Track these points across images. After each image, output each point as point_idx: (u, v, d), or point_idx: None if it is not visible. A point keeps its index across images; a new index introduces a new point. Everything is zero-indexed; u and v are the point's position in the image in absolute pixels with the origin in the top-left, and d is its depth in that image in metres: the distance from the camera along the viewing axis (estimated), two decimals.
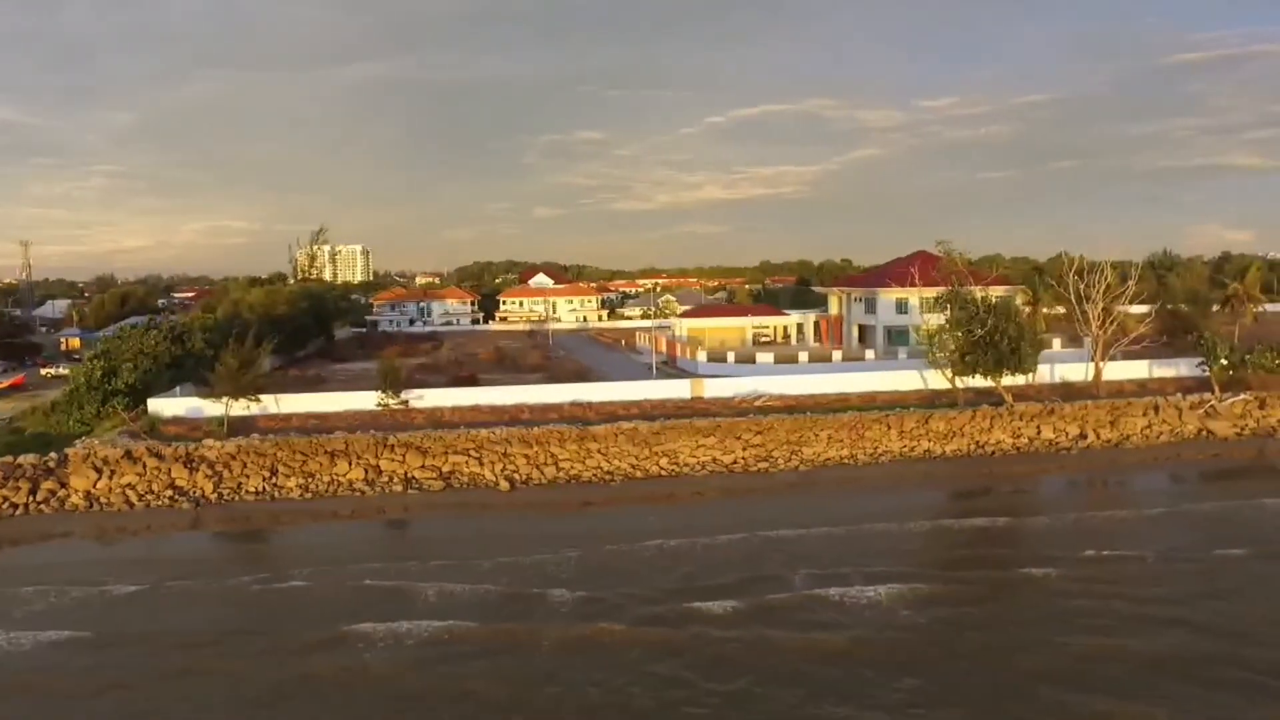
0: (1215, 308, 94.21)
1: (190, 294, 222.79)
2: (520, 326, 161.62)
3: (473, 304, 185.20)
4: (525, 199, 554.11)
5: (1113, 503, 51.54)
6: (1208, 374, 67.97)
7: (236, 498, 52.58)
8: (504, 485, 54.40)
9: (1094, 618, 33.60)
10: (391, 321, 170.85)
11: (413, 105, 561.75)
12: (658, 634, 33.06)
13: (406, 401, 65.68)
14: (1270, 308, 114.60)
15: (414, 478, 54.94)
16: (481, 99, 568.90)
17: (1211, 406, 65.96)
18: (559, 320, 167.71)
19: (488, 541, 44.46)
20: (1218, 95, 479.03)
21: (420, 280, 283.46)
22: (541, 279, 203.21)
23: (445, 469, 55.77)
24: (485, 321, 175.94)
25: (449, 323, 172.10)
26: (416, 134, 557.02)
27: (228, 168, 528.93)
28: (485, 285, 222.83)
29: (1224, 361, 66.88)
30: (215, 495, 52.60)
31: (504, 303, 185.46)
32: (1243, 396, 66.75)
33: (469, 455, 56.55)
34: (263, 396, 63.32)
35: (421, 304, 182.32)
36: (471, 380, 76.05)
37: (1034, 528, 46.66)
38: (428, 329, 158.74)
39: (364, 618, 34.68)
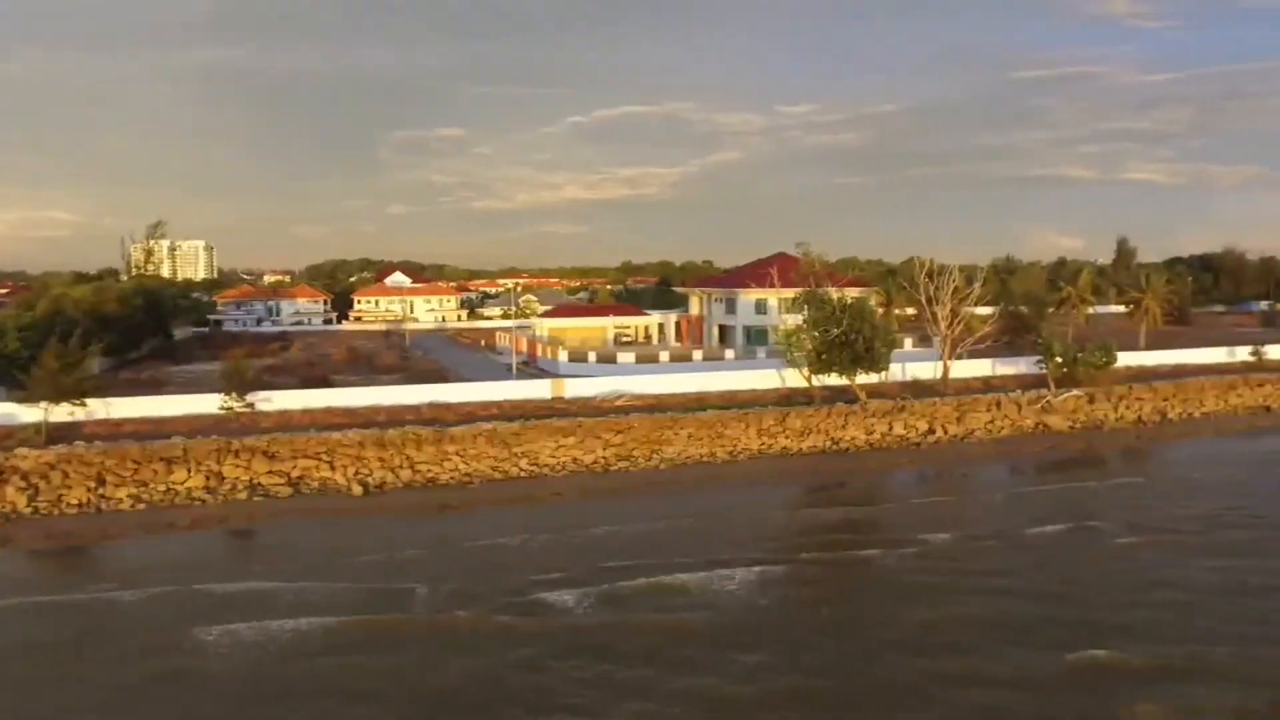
0: (1051, 309, 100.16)
1: (2, 290, 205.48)
2: (376, 327, 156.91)
3: (325, 303, 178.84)
4: (381, 196, 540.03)
5: (957, 491, 54.29)
6: (1045, 371, 72.06)
7: (56, 511, 48.25)
8: (357, 490, 52.14)
9: (936, 591, 36.26)
10: (237, 321, 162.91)
11: (261, 94, 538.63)
12: (520, 622, 33.52)
13: (253, 404, 62.25)
14: (1099, 309, 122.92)
15: (260, 484, 51.92)
16: (335, 90, 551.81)
17: (1047, 402, 69.91)
18: (416, 320, 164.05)
19: (341, 546, 42.79)
20: (1054, 111, 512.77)
21: (269, 278, 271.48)
22: (398, 278, 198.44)
23: (294, 474, 52.98)
24: (339, 321, 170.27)
25: (300, 323, 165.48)
26: (265, 125, 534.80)
27: (50, 154, 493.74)
28: (339, 284, 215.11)
29: (1059, 360, 71.05)
30: (30, 509, 48.08)
31: (359, 302, 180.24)
32: (1074, 392, 71.01)
33: (320, 459, 53.94)
34: (90, 401, 58.56)
35: (270, 303, 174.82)
36: (323, 382, 73.14)
37: (884, 515, 48.75)
38: (277, 329, 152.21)
39: (217, 620, 33.32)
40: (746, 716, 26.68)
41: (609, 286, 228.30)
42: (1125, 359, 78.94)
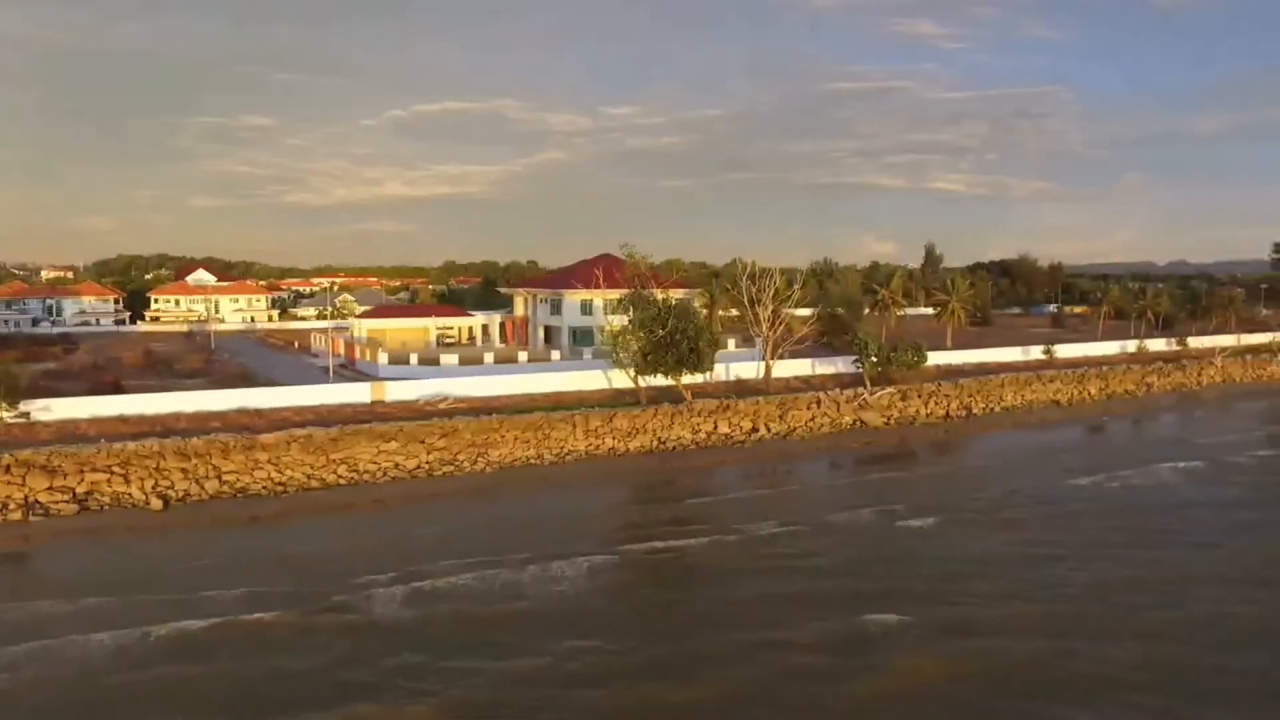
0: (866, 311, 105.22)
1: None
2: (177, 328, 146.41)
3: (117, 302, 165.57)
4: (180, 187, 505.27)
5: (779, 485, 56.41)
6: (861, 370, 75.27)
7: None
8: (156, 504, 47.96)
9: (749, 573, 38.67)
10: (8, 321, 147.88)
11: (30, 68, 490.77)
12: (340, 620, 33.21)
13: (28, 414, 56.35)
14: (910, 311, 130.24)
15: (38, 502, 46.78)
16: (122, 69, 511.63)
17: (864, 400, 73.02)
18: (223, 321, 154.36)
19: (138, 561, 39.98)
20: (864, 122, 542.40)
21: (48, 274, 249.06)
22: (201, 275, 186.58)
23: (81, 490, 48.09)
24: (133, 322, 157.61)
25: (86, 323, 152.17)
26: (36, 103, 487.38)
27: None
28: (133, 282, 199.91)
29: (874, 359, 74.41)
30: None
31: (156, 301, 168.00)
32: (889, 390, 74.59)
33: (112, 472, 49.24)
34: None
35: (49, 301, 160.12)
36: (115, 388, 67.24)
37: (708, 510, 49.69)
38: (58, 330, 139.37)
39: None
40: (565, 691, 27.85)
41: (431, 286, 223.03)
42: (934, 358, 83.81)
